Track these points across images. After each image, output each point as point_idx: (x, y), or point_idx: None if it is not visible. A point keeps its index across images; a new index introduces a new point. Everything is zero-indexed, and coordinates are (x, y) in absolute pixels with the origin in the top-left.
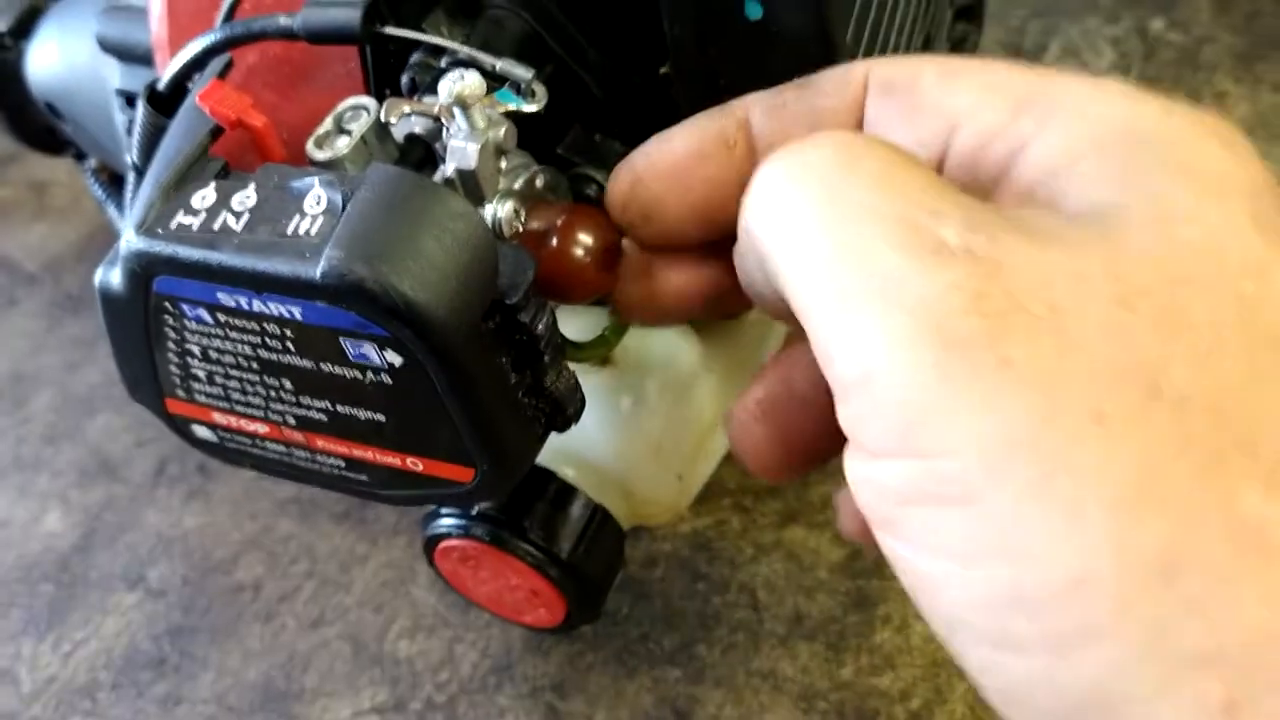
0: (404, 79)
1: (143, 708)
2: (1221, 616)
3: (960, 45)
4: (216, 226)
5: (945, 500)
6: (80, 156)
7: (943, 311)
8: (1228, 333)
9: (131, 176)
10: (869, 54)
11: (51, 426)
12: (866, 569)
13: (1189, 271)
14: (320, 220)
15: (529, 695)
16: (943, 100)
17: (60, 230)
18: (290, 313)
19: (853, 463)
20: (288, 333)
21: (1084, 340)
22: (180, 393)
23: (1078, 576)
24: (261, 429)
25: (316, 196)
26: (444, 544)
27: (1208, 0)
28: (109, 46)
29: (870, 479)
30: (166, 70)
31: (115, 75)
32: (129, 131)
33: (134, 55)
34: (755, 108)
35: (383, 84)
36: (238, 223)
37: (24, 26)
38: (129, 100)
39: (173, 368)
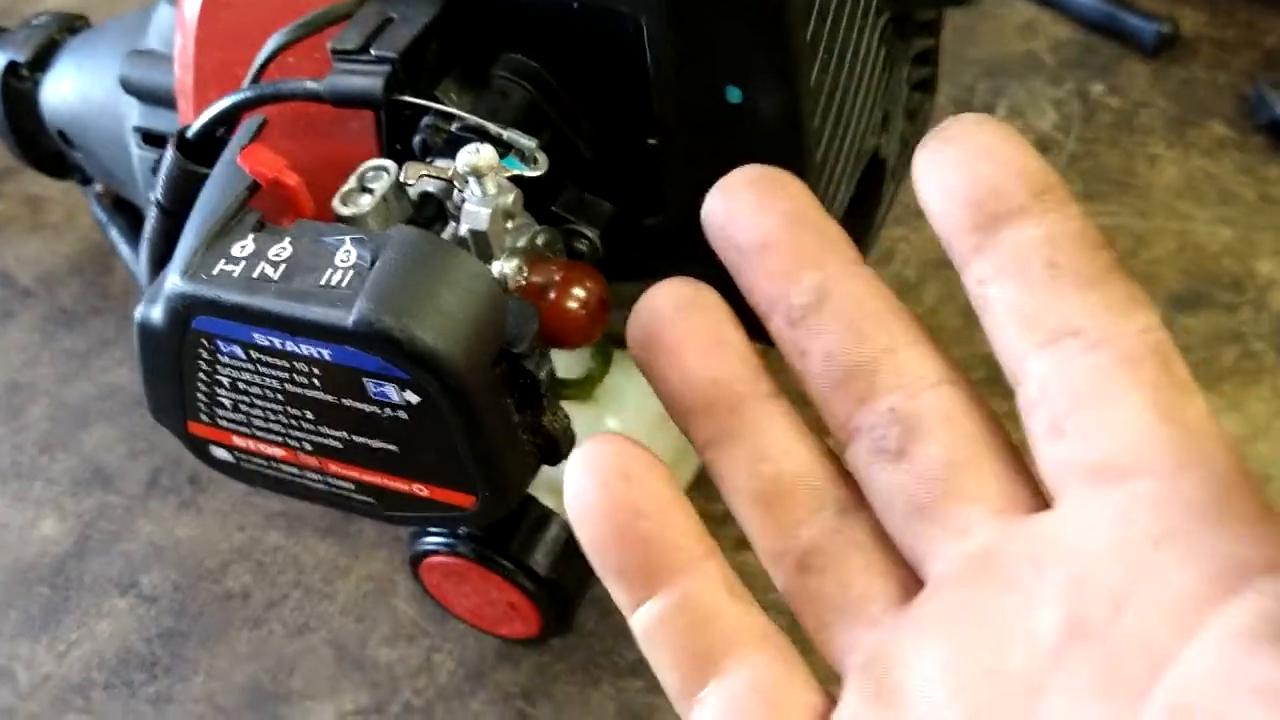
0: (416, 140)
1: (135, 706)
2: None
3: (915, 113)
4: (255, 274)
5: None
6: (86, 181)
7: None
8: None
9: (153, 212)
10: (834, 132)
11: (46, 436)
12: None
13: None
14: (350, 273)
15: (501, 701)
16: None
17: (54, 245)
18: (320, 353)
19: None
20: (315, 370)
21: None
22: (204, 417)
23: None
24: (279, 453)
25: (346, 252)
26: (430, 559)
27: (1145, 67)
28: (131, 87)
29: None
30: (197, 121)
31: (134, 113)
32: (153, 170)
33: (154, 97)
34: None
35: (394, 141)
36: (275, 272)
37: (41, 60)
38: (145, 137)
39: (200, 395)
